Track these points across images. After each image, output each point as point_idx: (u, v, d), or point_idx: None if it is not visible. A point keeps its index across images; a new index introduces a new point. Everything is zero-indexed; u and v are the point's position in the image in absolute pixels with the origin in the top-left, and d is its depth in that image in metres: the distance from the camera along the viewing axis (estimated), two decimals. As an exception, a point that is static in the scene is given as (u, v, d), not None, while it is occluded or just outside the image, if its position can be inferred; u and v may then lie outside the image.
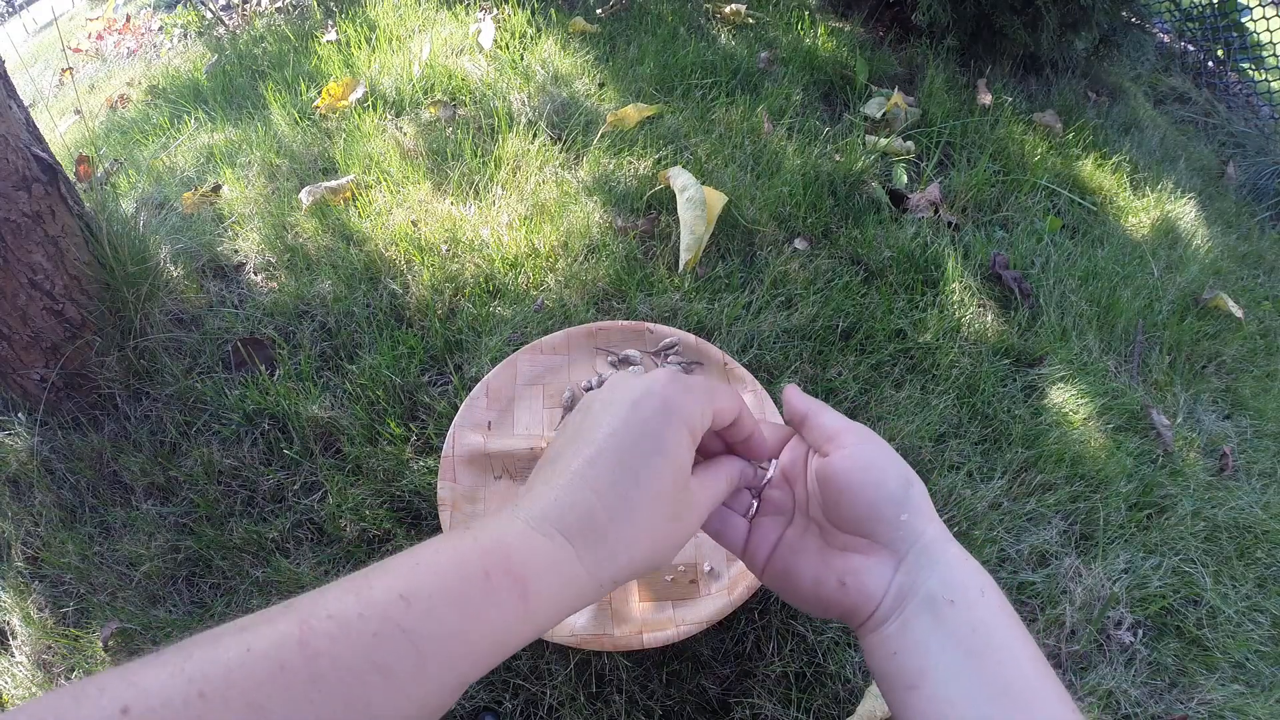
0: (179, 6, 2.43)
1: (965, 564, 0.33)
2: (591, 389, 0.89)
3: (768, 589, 0.80)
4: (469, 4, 1.83)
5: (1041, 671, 0.30)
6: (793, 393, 0.38)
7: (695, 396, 0.33)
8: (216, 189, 1.35)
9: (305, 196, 1.26)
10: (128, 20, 2.62)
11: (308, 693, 0.22)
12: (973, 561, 0.33)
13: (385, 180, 1.29)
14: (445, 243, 1.17)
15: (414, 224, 1.20)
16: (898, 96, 1.56)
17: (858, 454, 0.34)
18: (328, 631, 0.23)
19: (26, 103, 0.94)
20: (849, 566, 0.34)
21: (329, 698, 0.22)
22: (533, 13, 1.74)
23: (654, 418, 0.32)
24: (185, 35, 2.25)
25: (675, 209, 1.19)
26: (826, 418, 0.37)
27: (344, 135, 1.42)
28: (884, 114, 1.55)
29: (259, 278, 1.17)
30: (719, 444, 0.38)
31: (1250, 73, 2.33)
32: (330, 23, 1.87)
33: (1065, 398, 1.06)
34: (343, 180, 1.29)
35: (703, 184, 1.18)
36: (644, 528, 0.30)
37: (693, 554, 0.76)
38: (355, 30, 1.75)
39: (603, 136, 1.37)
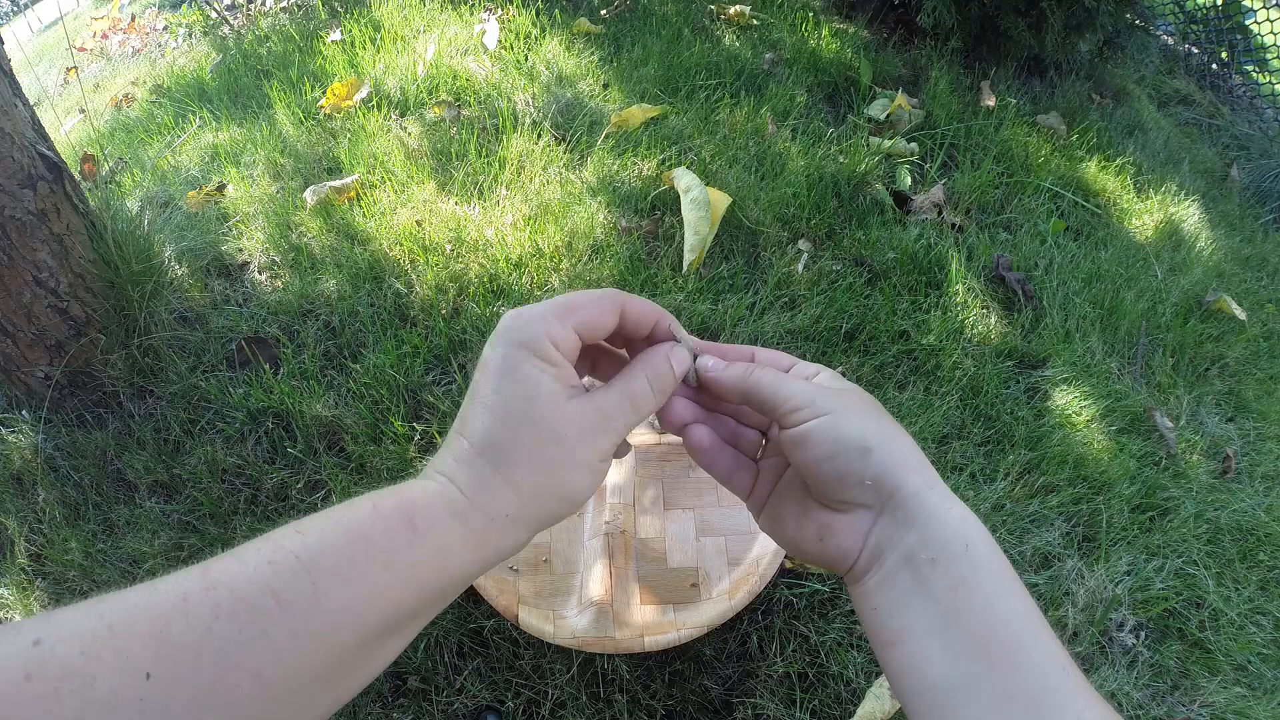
0: (184, 6, 2.43)
1: (950, 515, 0.31)
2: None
3: (768, 589, 0.80)
4: (473, 4, 1.84)
5: (1028, 625, 0.29)
6: (744, 382, 0.36)
7: (534, 321, 0.33)
8: (221, 188, 1.35)
9: (310, 196, 1.26)
10: (133, 20, 2.63)
11: (207, 621, 0.23)
12: (959, 510, 0.31)
13: (390, 180, 1.29)
14: (449, 242, 1.17)
15: (418, 224, 1.20)
16: (902, 98, 1.55)
17: (808, 432, 0.33)
18: (227, 566, 0.24)
19: (32, 101, 0.94)
20: (825, 522, 0.34)
21: (228, 625, 0.23)
22: (537, 13, 1.74)
23: (497, 359, 0.33)
24: (190, 35, 2.25)
25: (679, 210, 1.19)
26: (778, 395, 0.34)
27: (348, 135, 1.42)
28: (888, 116, 1.55)
29: (263, 276, 1.18)
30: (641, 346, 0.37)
31: (1254, 75, 2.33)
32: (335, 23, 1.88)
33: (1068, 400, 1.06)
34: (347, 180, 1.30)
35: (707, 185, 1.19)
36: (524, 461, 0.31)
37: (694, 559, 0.77)
38: (360, 30, 1.75)
39: (607, 137, 1.37)
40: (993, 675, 0.28)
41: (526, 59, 1.60)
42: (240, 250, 1.22)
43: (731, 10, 1.85)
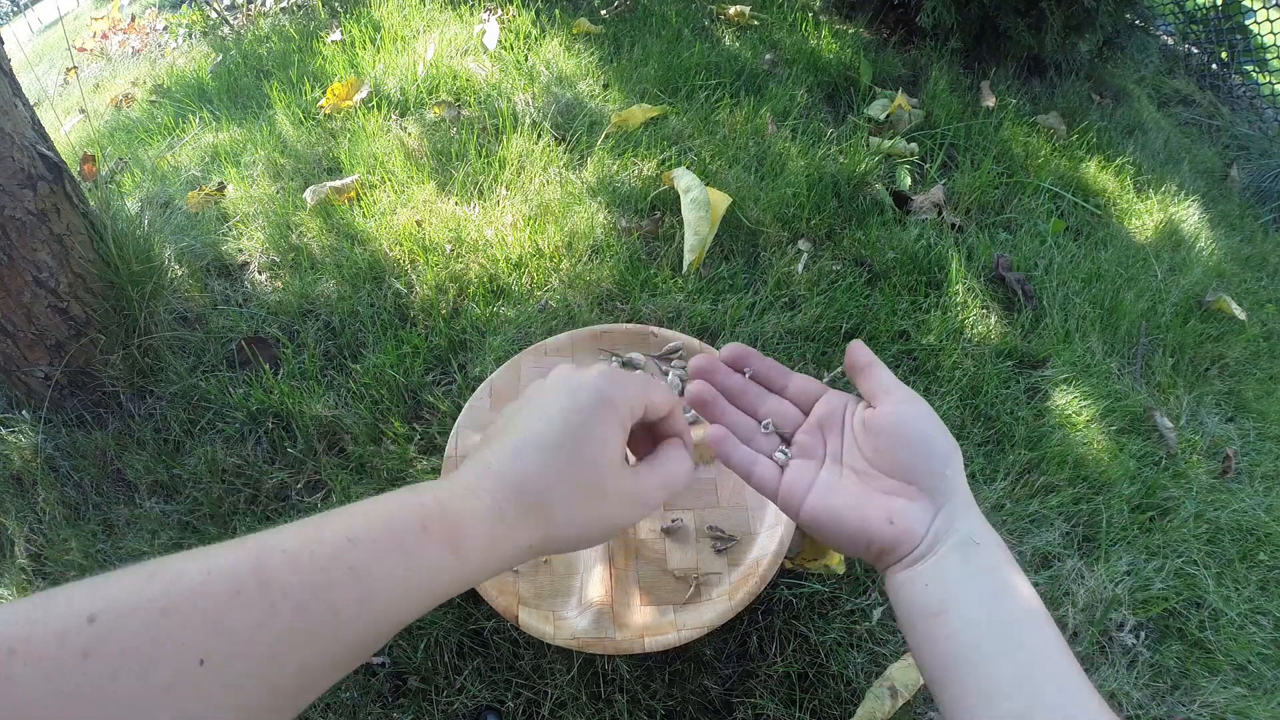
0: (184, 6, 2.43)
1: (985, 522, 0.39)
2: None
3: (768, 589, 0.80)
4: (473, 4, 1.84)
5: (1040, 612, 0.36)
6: (858, 345, 0.43)
7: (627, 391, 0.37)
8: (221, 188, 1.35)
9: (309, 196, 1.26)
10: (132, 20, 2.63)
11: (260, 616, 0.24)
12: (989, 525, 0.39)
13: (389, 180, 1.29)
14: (449, 243, 1.17)
15: (418, 224, 1.20)
16: (901, 98, 1.56)
17: (911, 410, 0.40)
18: (280, 564, 0.25)
19: (32, 101, 0.94)
20: (894, 507, 0.39)
21: (281, 623, 0.24)
22: (537, 14, 1.74)
23: (588, 406, 0.35)
24: (190, 35, 2.25)
25: (679, 210, 1.19)
26: (884, 373, 0.42)
27: (348, 135, 1.42)
28: (888, 116, 1.55)
29: (263, 277, 1.18)
30: (649, 440, 0.43)
31: (1254, 75, 2.33)
32: (335, 23, 1.88)
33: (1068, 400, 1.06)
34: (347, 180, 1.30)
35: (707, 185, 1.19)
36: (575, 504, 0.34)
37: (694, 560, 0.76)
38: (360, 30, 1.75)
39: (607, 137, 1.37)
40: (1023, 650, 0.34)
41: (526, 59, 1.60)
42: (240, 250, 1.22)
43: (731, 10, 1.85)
